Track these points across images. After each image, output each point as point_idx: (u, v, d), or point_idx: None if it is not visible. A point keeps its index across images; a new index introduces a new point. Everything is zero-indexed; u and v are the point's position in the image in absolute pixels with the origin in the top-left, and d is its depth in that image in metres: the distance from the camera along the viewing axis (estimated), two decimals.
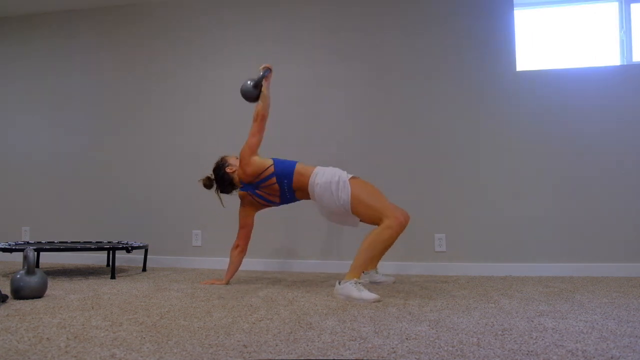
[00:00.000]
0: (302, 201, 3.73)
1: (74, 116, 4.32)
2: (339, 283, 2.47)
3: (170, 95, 4.14)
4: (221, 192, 2.98)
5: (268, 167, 2.78)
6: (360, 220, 2.72)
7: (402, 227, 2.53)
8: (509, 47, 3.59)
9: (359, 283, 2.43)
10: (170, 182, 4.06)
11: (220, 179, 2.94)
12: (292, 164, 2.80)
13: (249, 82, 2.92)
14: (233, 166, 2.92)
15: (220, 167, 2.94)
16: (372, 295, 2.36)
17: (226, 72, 4.04)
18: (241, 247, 2.96)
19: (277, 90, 3.95)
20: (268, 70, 2.95)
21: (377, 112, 3.75)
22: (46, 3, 4.30)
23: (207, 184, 2.98)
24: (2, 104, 4.50)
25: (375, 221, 2.60)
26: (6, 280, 3.04)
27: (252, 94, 2.93)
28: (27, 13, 4.48)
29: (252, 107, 3.95)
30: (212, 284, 2.93)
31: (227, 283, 2.95)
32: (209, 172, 3.95)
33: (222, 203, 3.03)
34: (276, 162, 2.80)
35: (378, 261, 3.00)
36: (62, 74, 4.38)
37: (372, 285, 2.88)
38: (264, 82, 2.93)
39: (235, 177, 2.92)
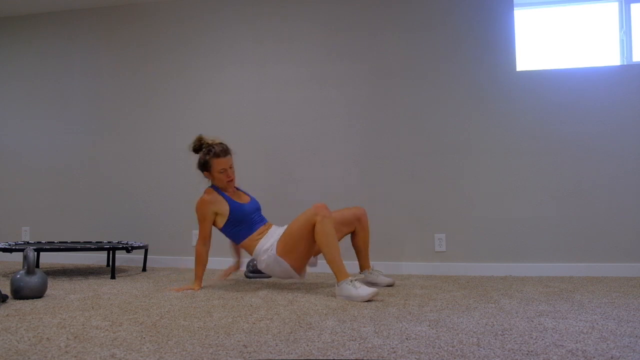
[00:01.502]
0: (302, 201, 3.74)
1: (73, 116, 4.32)
2: (337, 285, 2.46)
3: (170, 95, 4.14)
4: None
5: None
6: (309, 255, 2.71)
7: (324, 208, 2.54)
8: (509, 47, 3.59)
9: (354, 280, 2.42)
10: (170, 182, 4.06)
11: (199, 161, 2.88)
12: (241, 238, 2.80)
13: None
14: (208, 175, 2.86)
15: (200, 160, 2.84)
16: (369, 290, 2.35)
17: (226, 71, 4.04)
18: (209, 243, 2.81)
19: (277, 90, 3.96)
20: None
21: (376, 112, 3.75)
22: (46, 3, 4.29)
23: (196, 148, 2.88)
24: (2, 103, 4.50)
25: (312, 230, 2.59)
26: (6, 280, 3.04)
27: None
28: (27, 13, 4.48)
29: (252, 108, 3.97)
30: (186, 290, 2.69)
31: (200, 287, 2.74)
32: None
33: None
34: (223, 230, 2.82)
35: (366, 259, 2.95)
36: (62, 74, 4.38)
37: (369, 285, 2.87)
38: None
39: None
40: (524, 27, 3.80)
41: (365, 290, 2.36)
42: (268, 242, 2.73)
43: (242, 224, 2.77)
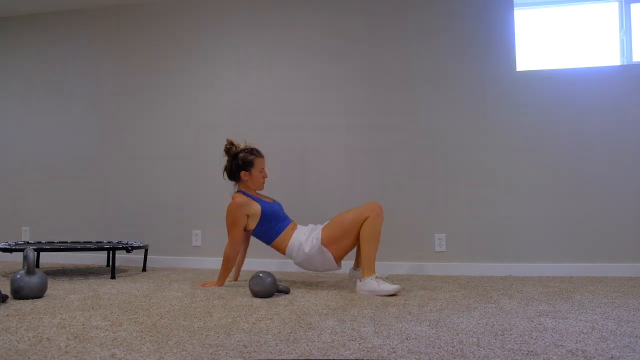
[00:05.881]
0: (302, 201, 3.74)
1: (73, 116, 4.32)
2: (360, 280, 2.59)
3: (170, 96, 4.14)
4: (228, 174, 2.96)
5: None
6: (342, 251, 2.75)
7: (380, 209, 2.67)
8: (509, 47, 3.58)
9: (378, 277, 2.56)
10: (170, 182, 4.06)
11: (234, 168, 2.91)
12: (272, 237, 2.84)
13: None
14: (244, 182, 2.90)
15: (240, 165, 2.89)
16: (392, 287, 2.50)
17: (226, 72, 4.04)
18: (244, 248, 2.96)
19: (277, 91, 3.96)
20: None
21: (377, 112, 3.75)
22: (46, 3, 4.30)
23: (229, 149, 2.96)
24: (2, 103, 4.50)
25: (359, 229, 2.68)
26: (6, 280, 3.04)
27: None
28: (27, 13, 4.48)
29: (252, 109, 3.97)
30: (206, 285, 2.84)
31: (221, 285, 2.87)
32: (208, 171, 3.96)
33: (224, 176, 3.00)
34: (255, 231, 2.86)
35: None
36: (62, 74, 4.37)
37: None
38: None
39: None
40: (524, 27, 3.80)
41: (389, 286, 2.50)
42: (302, 236, 2.79)
43: (272, 222, 2.84)
